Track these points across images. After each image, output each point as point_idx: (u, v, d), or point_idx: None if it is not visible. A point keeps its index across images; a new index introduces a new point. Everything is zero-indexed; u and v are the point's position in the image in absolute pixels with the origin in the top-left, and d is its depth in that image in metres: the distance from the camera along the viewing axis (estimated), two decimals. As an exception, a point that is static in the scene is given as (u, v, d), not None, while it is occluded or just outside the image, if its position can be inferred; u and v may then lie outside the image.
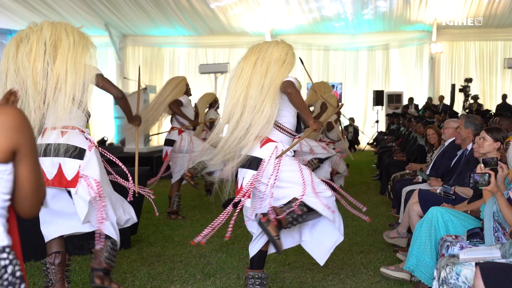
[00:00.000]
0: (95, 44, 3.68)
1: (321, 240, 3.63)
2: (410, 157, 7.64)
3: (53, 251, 3.51)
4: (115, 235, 3.47)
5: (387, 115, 15.09)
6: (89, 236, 3.68)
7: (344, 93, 17.69)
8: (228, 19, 16.07)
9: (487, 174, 2.88)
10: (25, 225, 4.41)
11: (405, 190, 5.25)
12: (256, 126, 3.43)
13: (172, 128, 6.56)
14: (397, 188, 5.67)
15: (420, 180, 5.47)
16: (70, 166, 3.38)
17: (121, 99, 3.67)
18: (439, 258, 3.26)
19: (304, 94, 14.41)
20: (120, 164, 3.74)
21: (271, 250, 3.69)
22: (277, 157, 3.44)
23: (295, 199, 3.38)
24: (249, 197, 3.43)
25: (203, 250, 4.94)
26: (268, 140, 3.48)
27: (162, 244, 5.11)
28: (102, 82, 3.53)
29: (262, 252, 3.63)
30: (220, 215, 3.54)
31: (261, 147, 3.47)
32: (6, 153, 1.33)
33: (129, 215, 3.67)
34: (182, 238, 5.40)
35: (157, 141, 17.29)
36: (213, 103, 8.33)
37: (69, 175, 3.37)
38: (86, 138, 3.49)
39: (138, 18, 15.89)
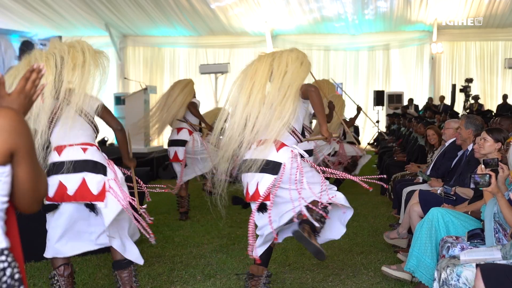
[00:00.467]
0: (96, 44, 3.69)
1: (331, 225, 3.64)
2: (410, 157, 7.63)
3: (62, 264, 3.50)
4: (130, 256, 3.55)
5: (388, 115, 15.08)
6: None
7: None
8: (229, 19, 16.07)
9: (487, 175, 2.87)
10: (25, 226, 4.41)
11: (406, 190, 5.24)
12: (274, 127, 3.33)
13: (180, 129, 6.49)
14: (398, 189, 5.65)
15: (421, 180, 5.46)
16: (97, 181, 3.41)
17: (120, 131, 3.65)
18: (440, 259, 3.26)
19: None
20: (125, 170, 3.84)
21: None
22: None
23: (315, 201, 3.36)
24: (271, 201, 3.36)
25: (203, 251, 4.94)
26: (283, 145, 3.41)
27: (162, 245, 5.11)
28: (103, 113, 3.55)
29: (270, 249, 3.63)
30: (249, 222, 3.45)
31: (277, 151, 3.38)
32: (3, 155, 1.32)
33: (134, 230, 3.70)
34: (182, 238, 5.39)
35: (157, 141, 17.29)
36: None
37: (94, 189, 3.39)
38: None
39: (139, 18, 15.89)
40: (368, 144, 16.17)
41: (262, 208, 3.37)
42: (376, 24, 16.50)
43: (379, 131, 13.39)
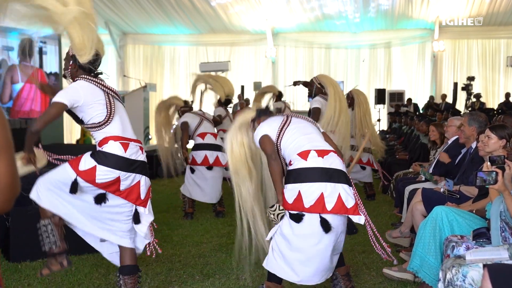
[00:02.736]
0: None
1: None
2: (413, 155, 7.56)
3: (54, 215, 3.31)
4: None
5: (389, 113, 15.03)
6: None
7: (345, 91, 17.55)
8: (229, 17, 16.00)
9: (494, 172, 2.78)
10: (21, 226, 4.33)
11: (408, 189, 5.16)
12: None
13: (216, 134, 6.44)
14: (400, 187, 5.57)
15: (423, 179, 5.37)
16: (147, 185, 3.39)
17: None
18: (444, 258, 3.18)
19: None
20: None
21: None
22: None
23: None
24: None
25: (202, 250, 4.86)
26: None
27: (161, 244, 4.99)
28: None
29: None
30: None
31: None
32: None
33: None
34: (181, 238, 5.31)
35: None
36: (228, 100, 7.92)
37: (143, 193, 3.36)
38: None
39: (138, 16, 15.81)
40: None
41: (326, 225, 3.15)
42: (378, 22, 16.42)
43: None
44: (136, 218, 3.37)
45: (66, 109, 3.20)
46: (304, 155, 3.21)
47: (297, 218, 3.13)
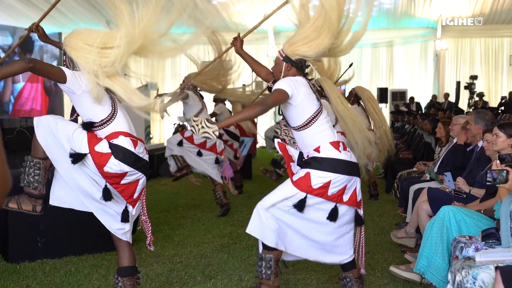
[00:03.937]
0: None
1: None
2: (416, 154, 7.48)
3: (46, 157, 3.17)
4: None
5: (391, 112, 14.96)
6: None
7: (347, 90, 17.52)
8: (230, 15, 15.92)
9: (504, 171, 2.70)
10: (20, 227, 4.26)
11: (413, 188, 5.07)
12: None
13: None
14: (404, 186, 5.49)
15: (428, 178, 5.30)
16: (143, 185, 3.29)
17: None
18: (452, 260, 3.10)
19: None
20: None
21: None
22: None
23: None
24: None
25: (203, 250, 4.78)
26: None
27: (162, 244, 4.95)
28: None
29: None
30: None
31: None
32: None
33: None
34: (182, 238, 5.24)
35: (158, 138, 17.15)
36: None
37: (137, 192, 3.26)
38: None
39: (139, 15, 15.73)
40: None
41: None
42: (380, 20, 16.31)
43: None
44: (126, 216, 3.26)
45: (63, 81, 2.98)
46: (336, 145, 3.25)
47: (301, 207, 3.16)
